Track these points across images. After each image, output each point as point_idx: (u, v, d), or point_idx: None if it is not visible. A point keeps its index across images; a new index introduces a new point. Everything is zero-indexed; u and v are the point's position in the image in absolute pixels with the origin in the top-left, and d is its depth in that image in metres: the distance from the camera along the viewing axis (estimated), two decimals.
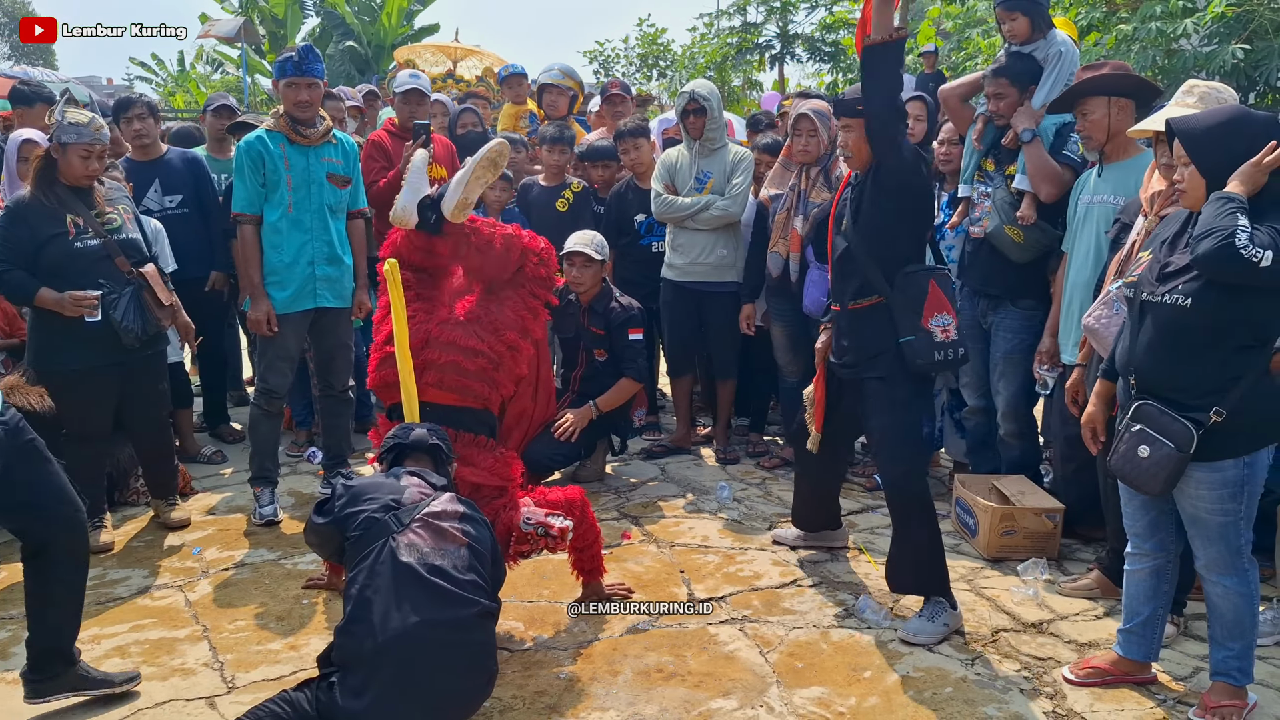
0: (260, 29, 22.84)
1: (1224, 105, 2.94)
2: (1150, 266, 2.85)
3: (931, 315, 3.32)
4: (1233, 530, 2.80)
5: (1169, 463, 2.70)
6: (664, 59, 24.39)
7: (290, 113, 4.28)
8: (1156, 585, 3.07)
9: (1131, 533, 3.09)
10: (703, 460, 5.39)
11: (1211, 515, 2.79)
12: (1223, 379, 2.68)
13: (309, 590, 3.79)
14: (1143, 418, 2.77)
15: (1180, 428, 2.68)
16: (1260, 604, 2.95)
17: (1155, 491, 2.78)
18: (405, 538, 2.71)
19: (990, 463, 4.63)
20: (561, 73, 6.54)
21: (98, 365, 4.01)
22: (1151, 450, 2.72)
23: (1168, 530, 3.02)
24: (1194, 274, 2.66)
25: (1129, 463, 2.80)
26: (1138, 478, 2.79)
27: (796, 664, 3.25)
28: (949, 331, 3.33)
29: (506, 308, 3.52)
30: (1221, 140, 2.70)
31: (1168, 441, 2.70)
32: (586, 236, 4.90)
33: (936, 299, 3.33)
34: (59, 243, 3.87)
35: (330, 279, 4.43)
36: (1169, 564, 3.06)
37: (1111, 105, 3.78)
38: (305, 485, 4.97)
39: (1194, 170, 2.73)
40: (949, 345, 3.32)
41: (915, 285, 3.35)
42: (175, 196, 5.22)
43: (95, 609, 3.63)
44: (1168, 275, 2.75)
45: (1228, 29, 8.89)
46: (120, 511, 4.59)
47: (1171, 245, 2.82)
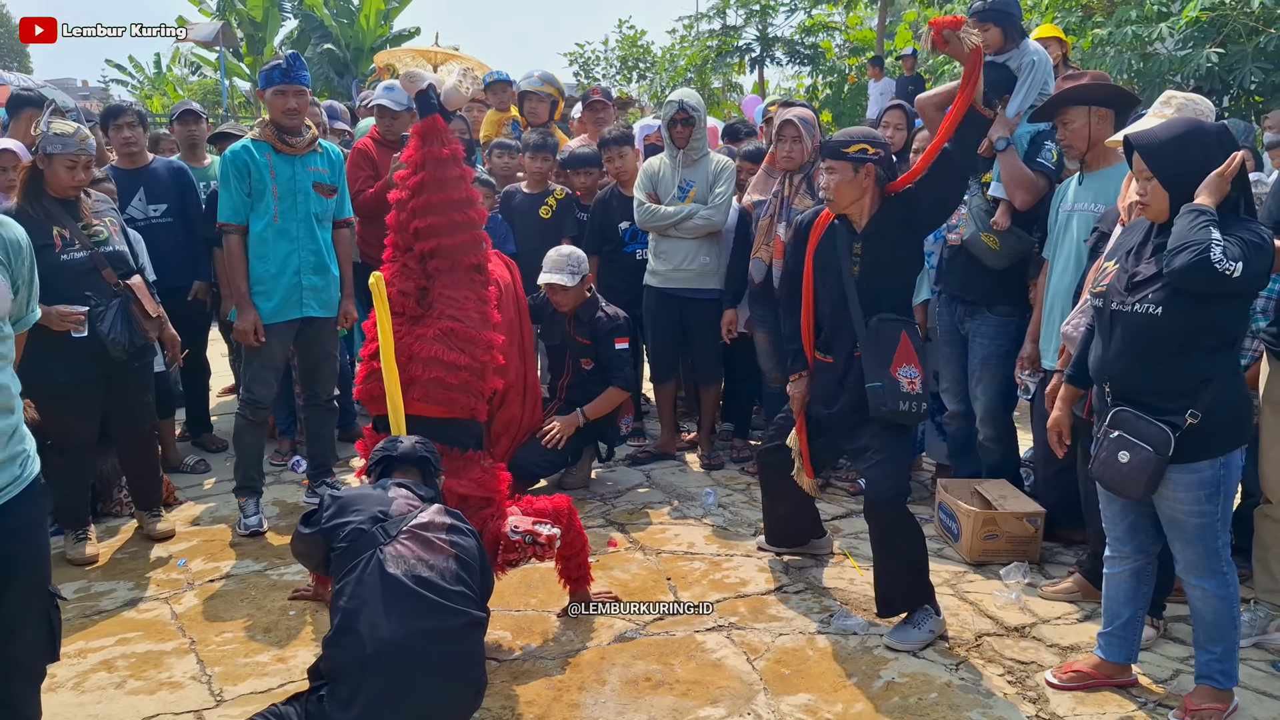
0: (238, 32, 22.71)
1: (1179, 118, 3.02)
2: (1118, 276, 2.91)
3: (900, 365, 3.37)
4: (1209, 532, 2.86)
5: (1149, 466, 2.77)
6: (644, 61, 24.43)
7: (277, 121, 4.28)
8: (1136, 587, 3.13)
9: (1111, 536, 3.14)
10: (688, 466, 5.41)
11: (1189, 517, 2.85)
12: (1194, 382, 2.76)
13: (296, 601, 3.79)
14: (1120, 424, 2.84)
15: (1156, 431, 2.75)
16: (1240, 606, 3.00)
17: (1137, 496, 2.85)
18: (393, 549, 2.72)
19: (971, 466, 4.68)
20: (541, 79, 6.55)
21: (84, 378, 3.99)
22: (1131, 455, 2.79)
23: (1147, 533, 3.08)
24: (1162, 284, 2.73)
25: (1110, 469, 2.86)
26: (1120, 483, 2.86)
27: (783, 671, 3.28)
28: (914, 384, 3.37)
29: (468, 306, 3.50)
30: (1180, 152, 2.78)
31: (1146, 446, 2.76)
32: (560, 259, 4.78)
33: (906, 350, 3.38)
34: (45, 255, 3.83)
35: (316, 288, 4.43)
36: (1148, 565, 3.12)
37: (1092, 114, 3.84)
38: (290, 495, 4.96)
39: (1156, 184, 2.81)
40: (914, 397, 3.37)
41: (886, 335, 3.40)
42: (160, 205, 5.20)
43: (80, 622, 3.63)
44: (1136, 285, 2.82)
45: (1202, 33, 9.01)
46: (104, 523, 4.57)
47: (1137, 255, 2.89)
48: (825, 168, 3.47)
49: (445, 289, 3.50)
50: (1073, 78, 4.09)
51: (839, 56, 19.23)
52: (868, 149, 3.42)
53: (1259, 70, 8.66)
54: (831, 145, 3.46)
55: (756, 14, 20.05)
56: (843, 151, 3.41)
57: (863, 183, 3.43)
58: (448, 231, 3.47)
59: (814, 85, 19.12)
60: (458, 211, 3.47)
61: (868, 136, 3.49)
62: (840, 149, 3.42)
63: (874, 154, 3.42)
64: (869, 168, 3.42)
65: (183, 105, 5.94)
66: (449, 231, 3.47)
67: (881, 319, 3.42)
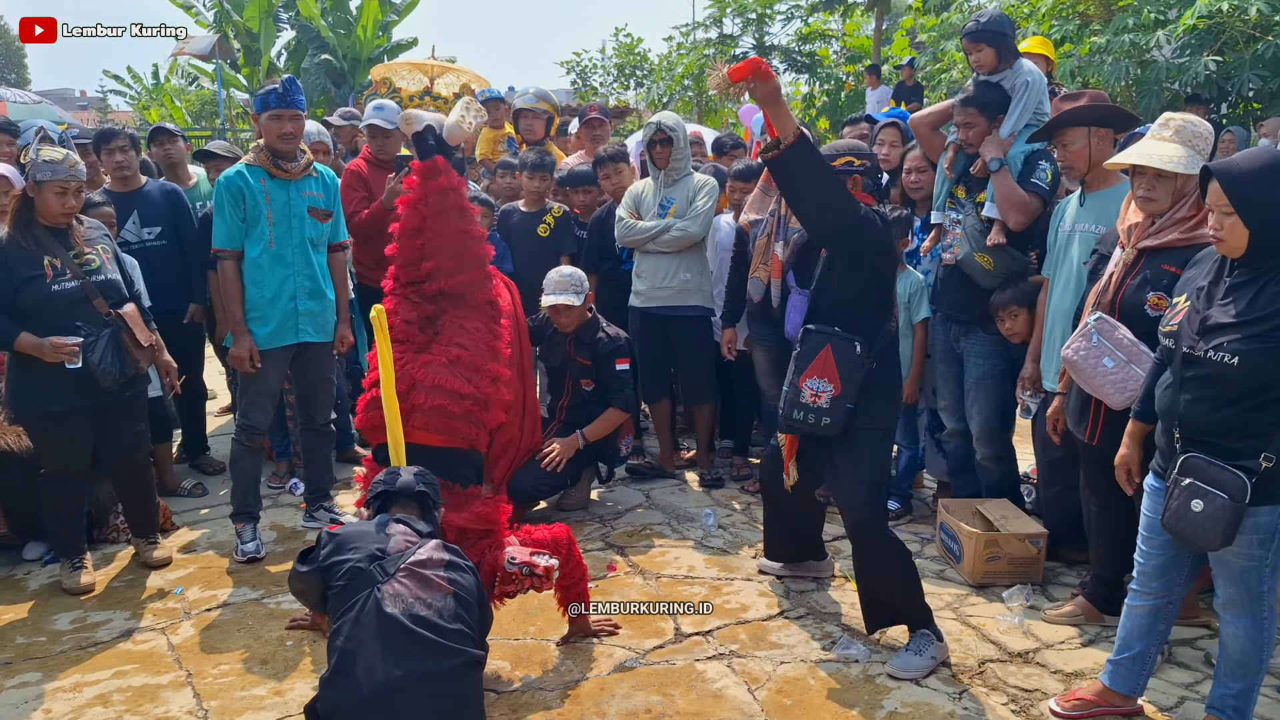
0: (235, 43, 22.71)
1: (1258, 149, 2.82)
2: (1189, 316, 2.77)
3: (811, 376, 3.35)
4: (1254, 575, 2.76)
5: (1225, 514, 2.61)
6: (641, 68, 24.44)
7: (272, 146, 4.26)
8: (1153, 624, 3.05)
9: (1140, 570, 3.04)
10: (687, 485, 5.39)
11: (1237, 559, 2.75)
12: (1267, 424, 2.62)
13: (293, 631, 3.76)
14: (1191, 471, 2.68)
15: (1230, 477, 2.61)
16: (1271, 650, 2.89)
17: (1215, 546, 2.67)
18: (390, 588, 2.69)
19: (972, 485, 4.65)
20: (536, 97, 6.55)
21: (76, 407, 3.97)
22: (1205, 504, 2.63)
23: (1178, 575, 2.99)
24: (1240, 334, 2.60)
25: (1182, 519, 2.68)
26: (1194, 533, 2.67)
27: (784, 701, 3.25)
28: (819, 397, 3.34)
29: (478, 337, 3.50)
30: (1265, 188, 2.61)
31: (1220, 493, 2.61)
32: (564, 281, 4.78)
33: (823, 364, 3.34)
34: (36, 285, 3.83)
35: (312, 313, 4.41)
36: (1170, 605, 3.04)
37: (1091, 135, 3.83)
38: (287, 518, 4.94)
39: (1237, 221, 2.62)
40: (812, 409, 3.35)
41: (810, 343, 3.39)
42: (154, 229, 5.18)
43: (77, 654, 3.60)
44: (1210, 330, 2.67)
45: (1200, 41, 9.00)
46: (100, 550, 4.54)
47: (1209, 295, 2.74)
48: None
49: (457, 318, 3.49)
50: (1070, 98, 4.07)
51: (835, 64, 19.23)
52: (853, 161, 3.43)
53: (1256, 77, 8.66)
54: None
55: (753, 22, 20.06)
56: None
57: None
58: (456, 271, 3.50)
59: (811, 93, 19.11)
60: (464, 250, 3.49)
61: (853, 149, 3.50)
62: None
63: (859, 165, 3.43)
64: (854, 179, 3.41)
65: (156, 128, 5.92)
66: (457, 271, 3.50)
67: (808, 329, 3.41)
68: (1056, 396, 3.76)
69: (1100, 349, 3.27)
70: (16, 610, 3.98)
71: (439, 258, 3.46)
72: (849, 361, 3.35)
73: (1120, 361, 3.23)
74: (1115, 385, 3.25)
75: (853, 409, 3.36)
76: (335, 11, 23.59)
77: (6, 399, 4.01)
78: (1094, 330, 3.31)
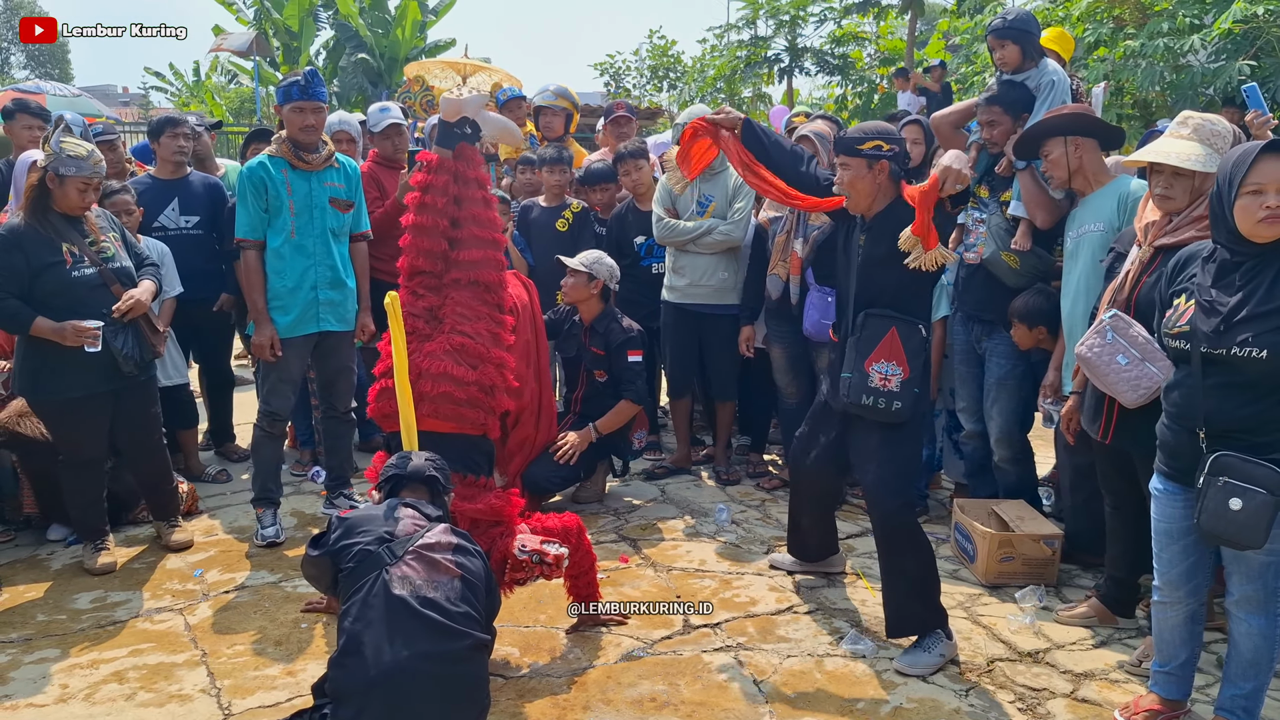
0: (274, 42, 22.99)
1: None
2: (1199, 317, 2.71)
3: (877, 360, 3.33)
4: (1273, 572, 2.73)
5: (1266, 510, 2.54)
6: (674, 70, 24.46)
7: (295, 137, 4.32)
8: (1191, 629, 3.01)
9: (1164, 579, 2.99)
10: (702, 481, 5.40)
11: (1257, 554, 2.70)
12: None
13: (308, 614, 3.81)
14: (1225, 469, 2.61)
15: (1267, 473, 2.55)
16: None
17: (1259, 543, 2.59)
18: (398, 570, 2.72)
19: (989, 486, 4.63)
20: (555, 94, 6.58)
21: (95, 391, 4.03)
22: (1245, 501, 2.56)
23: (1204, 574, 2.95)
24: (1266, 325, 2.55)
25: (1220, 519, 2.60)
26: (1235, 533, 2.59)
27: (790, 694, 3.25)
28: (889, 381, 3.32)
29: (481, 325, 3.54)
30: None
31: (1259, 489, 2.54)
32: (589, 255, 4.95)
33: (890, 346, 3.33)
34: (56, 271, 3.88)
35: (333, 303, 4.47)
36: (1201, 606, 3.01)
37: (1069, 144, 3.84)
38: (308, 505, 5.00)
39: None
40: (883, 393, 3.33)
41: (872, 328, 3.37)
42: (192, 217, 5.28)
43: (95, 632, 3.68)
44: (1232, 326, 2.62)
45: (1235, 45, 8.87)
46: (124, 531, 4.63)
47: (1219, 292, 2.69)
48: (839, 164, 3.44)
49: (457, 306, 3.53)
50: (1055, 113, 4.04)
51: (868, 67, 19.16)
52: (882, 145, 3.38)
53: None
54: (846, 142, 3.42)
55: (786, 24, 20.03)
56: (857, 148, 3.37)
57: (877, 179, 3.40)
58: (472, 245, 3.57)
59: (844, 95, 19.05)
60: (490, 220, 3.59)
61: (883, 133, 3.44)
62: (854, 145, 3.38)
63: (889, 150, 3.39)
64: (883, 164, 3.38)
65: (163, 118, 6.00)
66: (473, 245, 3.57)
67: (869, 313, 3.39)
68: (1071, 396, 3.73)
69: (1115, 346, 3.24)
70: (38, 589, 4.07)
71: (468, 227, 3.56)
72: (915, 343, 3.35)
73: (1134, 359, 3.20)
74: (1129, 383, 3.21)
75: (919, 394, 3.36)
76: (373, 11, 23.84)
77: (22, 385, 4.03)
78: (1109, 327, 3.28)
